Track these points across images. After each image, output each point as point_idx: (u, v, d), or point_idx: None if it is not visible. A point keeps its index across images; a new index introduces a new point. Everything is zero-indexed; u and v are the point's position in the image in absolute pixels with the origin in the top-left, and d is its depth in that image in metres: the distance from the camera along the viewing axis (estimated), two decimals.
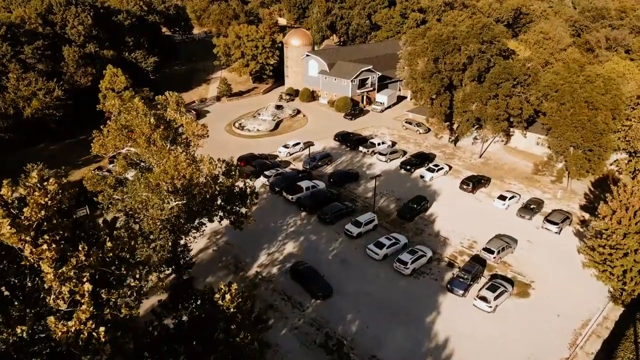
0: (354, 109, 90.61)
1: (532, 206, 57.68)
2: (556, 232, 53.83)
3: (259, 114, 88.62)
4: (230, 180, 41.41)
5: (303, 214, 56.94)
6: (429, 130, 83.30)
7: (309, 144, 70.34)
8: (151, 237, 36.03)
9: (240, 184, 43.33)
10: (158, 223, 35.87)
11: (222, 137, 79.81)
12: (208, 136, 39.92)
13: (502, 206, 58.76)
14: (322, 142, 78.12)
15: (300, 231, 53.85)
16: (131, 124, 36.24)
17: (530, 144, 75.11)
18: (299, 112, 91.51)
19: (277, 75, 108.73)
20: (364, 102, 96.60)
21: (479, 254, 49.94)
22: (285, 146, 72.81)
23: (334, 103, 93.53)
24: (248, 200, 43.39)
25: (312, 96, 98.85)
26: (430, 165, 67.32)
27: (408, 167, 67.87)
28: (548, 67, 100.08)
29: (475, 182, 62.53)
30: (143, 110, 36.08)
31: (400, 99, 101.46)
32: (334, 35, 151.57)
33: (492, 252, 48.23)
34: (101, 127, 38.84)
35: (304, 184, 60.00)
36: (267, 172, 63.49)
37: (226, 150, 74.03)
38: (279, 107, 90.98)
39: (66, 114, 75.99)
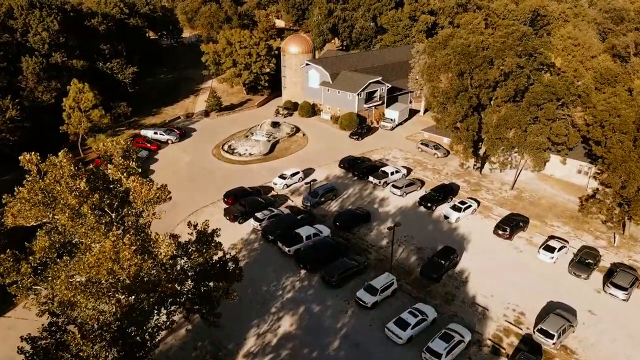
0: (360, 127, 79.19)
1: (587, 260, 46.34)
2: (624, 300, 42.53)
3: (252, 134, 77.23)
4: (205, 254, 30.14)
5: (303, 272, 45.57)
6: (449, 152, 71.95)
7: (310, 182, 58.02)
8: (81, 353, 24.69)
9: (218, 251, 32.11)
10: (91, 333, 24.50)
11: (208, 164, 68.28)
12: (170, 199, 28.42)
13: (549, 260, 47.43)
14: (324, 169, 66.73)
15: (299, 298, 42.46)
16: (52, 189, 24.84)
17: (569, 171, 63.72)
18: (297, 130, 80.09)
19: (274, 86, 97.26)
20: (372, 118, 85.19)
21: (530, 334, 38.62)
22: (282, 177, 61.37)
23: (338, 119, 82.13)
24: (230, 277, 32.20)
25: (312, 111, 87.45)
26: (456, 202, 55.94)
27: (429, 205, 56.50)
28: (578, 77, 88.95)
29: (513, 227, 51.17)
30: (69, 170, 24.69)
31: (412, 112, 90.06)
32: (336, 38, 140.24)
33: (551, 336, 36.84)
34: (16, 188, 27.36)
35: (304, 231, 48.56)
36: (258, 214, 52.04)
37: (212, 181, 62.83)
38: (275, 125, 79.58)
39: (24, 136, 64.45)
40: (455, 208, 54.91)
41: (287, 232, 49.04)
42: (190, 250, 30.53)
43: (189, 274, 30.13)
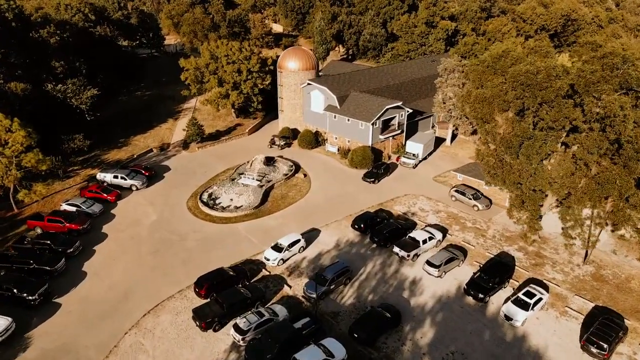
0: (376, 167, 63.05)
1: None
2: None
3: (240, 175, 61.20)
4: None
5: None
6: (491, 202, 56.23)
7: (318, 272, 40.65)
8: None
9: None
10: None
11: (180, 225, 51.81)
12: None
13: None
14: (333, 230, 50.73)
15: None
16: None
17: None
18: (297, 169, 64.06)
19: (270, 105, 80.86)
20: (389, 151, 69.19)
21: None
22: (277, 248, 45.18)
23: (348, 154, 66.11)
24: None
25: (315, 140, 71.45)
26: (520, 294, 39.78)
27: (480, 295, 40.46)
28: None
29: (612, 341, 35.11)
30: None
31: (437, 141, 73.94)
32: (340, 46, 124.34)
33: None
34: None
35: (307, 356, 32.49)
36: (241, 322, 35.91)
37: (183, 253, 46.65)
38: (269, 162, 63.60)
39: None
40: (520, 304, 38.80)
41: (283, 354, 33.07)
42: None
43: None
